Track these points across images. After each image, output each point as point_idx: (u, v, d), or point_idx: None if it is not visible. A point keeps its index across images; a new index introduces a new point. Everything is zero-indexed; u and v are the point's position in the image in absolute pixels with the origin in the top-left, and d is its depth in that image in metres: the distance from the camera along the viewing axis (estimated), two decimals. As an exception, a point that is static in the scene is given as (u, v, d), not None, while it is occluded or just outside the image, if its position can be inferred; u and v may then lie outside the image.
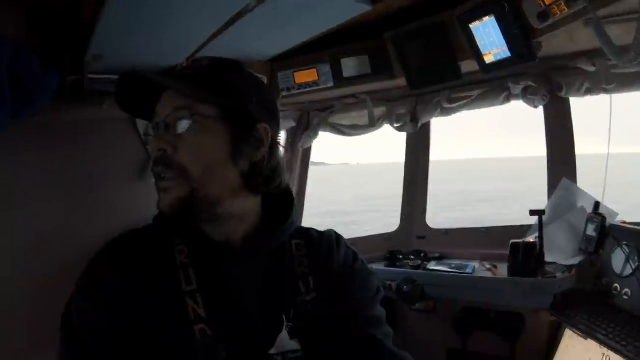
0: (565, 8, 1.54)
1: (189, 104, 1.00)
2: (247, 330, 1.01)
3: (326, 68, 2.21)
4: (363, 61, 2.18)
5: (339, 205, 20.18)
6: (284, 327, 1.04)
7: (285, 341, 1.04)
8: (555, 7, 1.57)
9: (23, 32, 1.43)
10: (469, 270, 2.33)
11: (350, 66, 2.19)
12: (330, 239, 1.19)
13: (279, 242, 1.11)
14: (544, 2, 1.60)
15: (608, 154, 2.34)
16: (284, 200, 1.16)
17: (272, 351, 1.02)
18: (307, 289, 1.09)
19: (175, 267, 1.02)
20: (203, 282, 1.02)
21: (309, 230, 1.21)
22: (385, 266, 2.58)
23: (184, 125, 0.99)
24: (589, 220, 2.13)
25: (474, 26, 1.87)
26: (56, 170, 1.73)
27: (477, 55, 1.92)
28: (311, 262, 1.13)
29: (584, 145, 2.34)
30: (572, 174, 2.32)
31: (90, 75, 1.65)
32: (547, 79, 2.21)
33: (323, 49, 2.19)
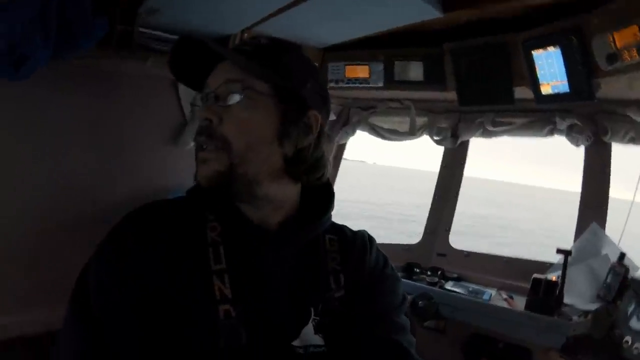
0: (637, 55, 1.53)
1: (242, 78, 0.98)
2: (271, 317, 0.99)
3: (379, 67, 2.20)
4: (417, 67, 2.16)
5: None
6: (311, 321, 1.02)
7: (309, 334, 1.02)
8: (626, 52, 1.56)
9: None
10: (485, 297, 2.31)
11: (403, 70, 2.18)
12: (364, 239, 1.18)
13: (314, 234, 1.10)
14: (615, 45, 1.59)
15: (632, 202, 2.33)
16: (323, 192, 1.13)
17: (296, 343, 1.00)
18: (337, 285, 1.07)
19: (206, 244, 1.00)
20: (232, 262, 0.99)
21: (343, 227, 1.19)
22: (401, 277, 2.52)
23: (234, 98, 0.98)
24: (612, 269, 2.12)
25: (537, 54, 1.86)
26: (93, 119, 1.74)
27: (534, 83, 1.91)
28: (343, 259, 1.11)
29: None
30: (602, 219, 2.31)
31: (140, 29, 1.64)
32: (593, 120, 2.20)
33: (378, 47, 2.17)
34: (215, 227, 1.02)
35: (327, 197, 1.14)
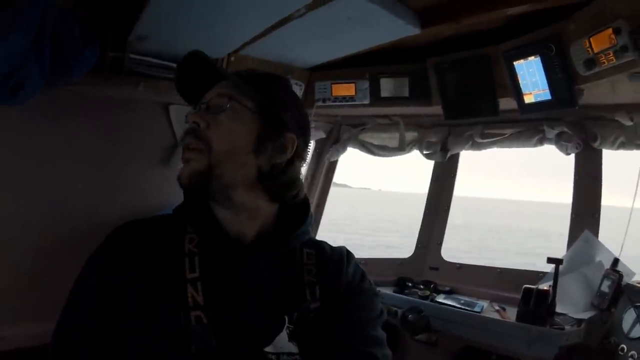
0: (613, 59, 1.51)
1: (232, 94, 1.07)
2: (244, 324, 1.02)
3: (365, 85, 2.20)
4: (402, 83, 2.17)
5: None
6: (285, 328, 1.04)
7: (283, 342, 1.03)
8: (603, 56, 1.54)
9: (71, 2, 1.46)
10: (477, 309, 2.26)
11: (388, 86, 2.18)
12: (341, 254, 1.20)
13: (289, 247, 1.13)
14: (592, 50, 1.57)
15: (632, 209, 2.26)
16: (301, 210, 1.18)
17: (268, 349, 1.02)
18: (312, 297, 1.09)
19: (183, 254, 1.05)
20: (207, 271, 1.04)
21: (322, 243, 1.22)
22: (393, 292, 2.52)
23: (221, 109, 1.06)
24: (606, 276, 2.05)
25: (518, 64, 1.85)
26: (86, 143, 1.79)
27: (518, 93, 1.90)
28: (319, 272, 1.13)
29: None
30: (594, 227, 2.25)
31: (131, 55, 1.69)
32: (582, 127, 2.17)
33: (364, 65, 2.19)
34: (193, 238, 1.08)
35: (304, 214, 1.18)
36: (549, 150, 2.29)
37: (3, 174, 1.62)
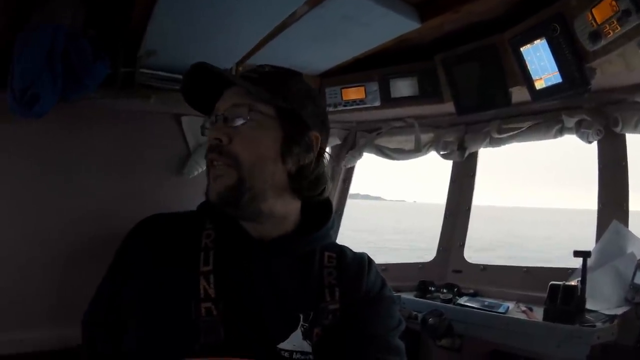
0: (618, 27, 1.39)
1: (248, 102, 1.04)
2: (256, 319, 1.02)
3: (374, 87, 2.13)
4: (412, 83, 2.08)
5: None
6: (299, 327, 1.03)
7: (297, 340, 1.02)
8: (607, 26, 1.42)
9: (80, 22, 1.53)
10: (501, 310, 2.06)
11: (398, 87, 2.11)
12: (363, 260, 1.18)
13: (308, 248, 1.12)
14: (595, 22, 1.45)
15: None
16: (323, 210, 1.17)
17: (283, 345, 1.01)
18: (332, 298, 1.08)
19: (199, 248, 1.06)
20: (221, 265, 1.04)
21: (344, 247, 1.20)
22: (415, 296, 2.37)
23: (242, 120, 1.03)
24: (638, 266, 1.85)
25: (525, 50, 1.73)
26: (102, 153, 1.83)
27: (528, 80, 1.77)
28: (340, 275, 1.11)
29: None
30: (623, 217, 2.04)
31: (142, 70, 1.73)
32: (602, 113, 1.99)
33: (373, 67, 2.13)
34: (210, 234, 1.08)
35: (326, 214, 1.17)
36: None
37: (23, 184, 1.68)
